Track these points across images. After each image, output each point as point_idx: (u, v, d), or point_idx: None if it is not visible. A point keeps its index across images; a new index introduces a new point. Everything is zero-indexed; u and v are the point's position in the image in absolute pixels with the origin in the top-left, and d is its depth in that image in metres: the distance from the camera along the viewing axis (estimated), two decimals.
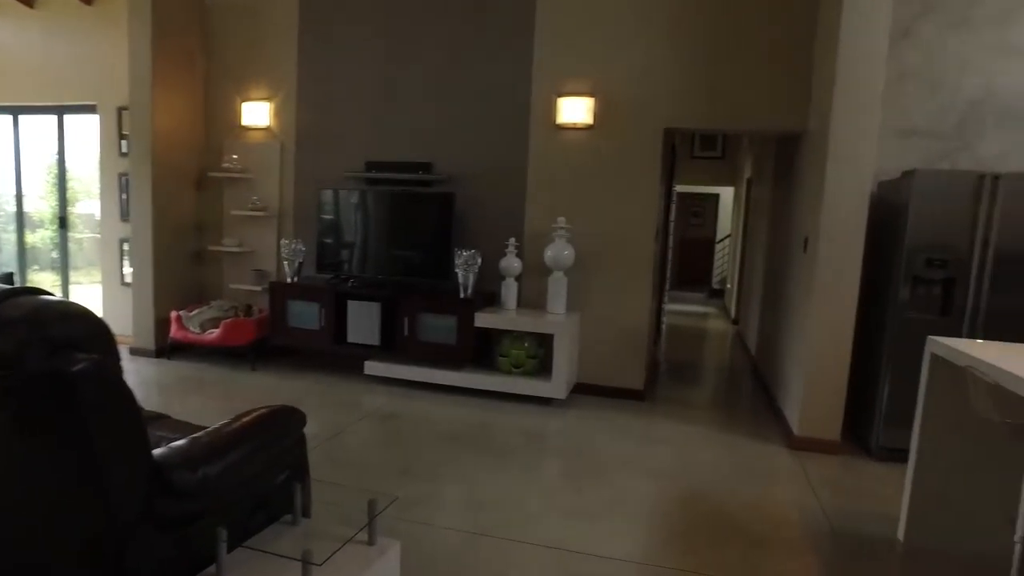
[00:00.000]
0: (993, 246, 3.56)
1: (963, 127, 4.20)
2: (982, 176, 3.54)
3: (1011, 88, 4.15)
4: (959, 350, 2.49)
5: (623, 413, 4.49)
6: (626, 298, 4.76)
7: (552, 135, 4.78)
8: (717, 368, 6.24)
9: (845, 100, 3.70)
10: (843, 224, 3.75)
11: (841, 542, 2.83)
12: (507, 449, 3.71)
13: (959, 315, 3.64)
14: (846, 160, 3.72)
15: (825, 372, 3.86)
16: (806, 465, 3.70)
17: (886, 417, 3.77)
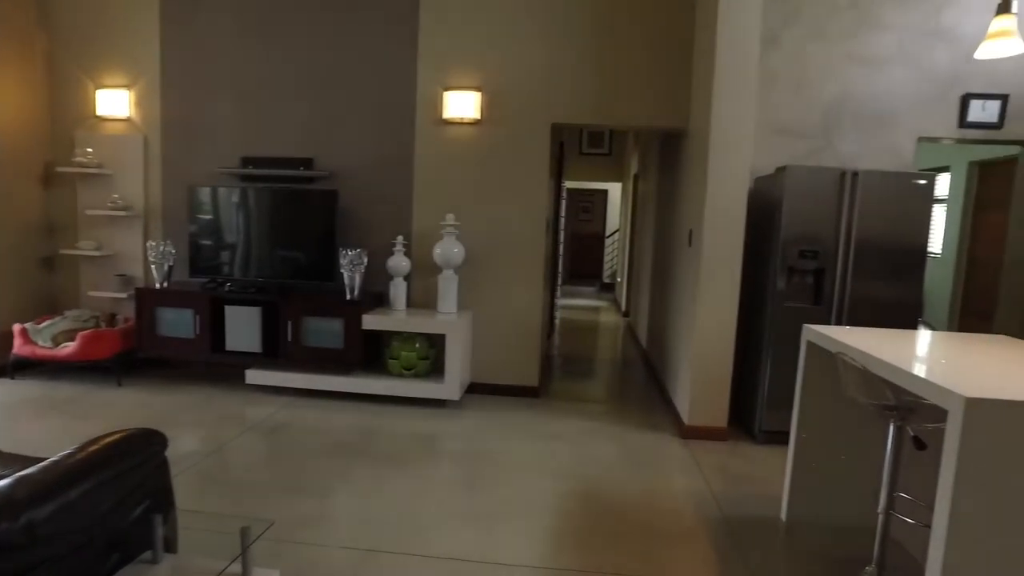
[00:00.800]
0: (854, 238, 3.81)
1: (826, 127, 4.49)
2: (843, 172, 3.78)
3: (862, 94, 4.46)
4: (831, 337, 2.62)
5: (519, 411, 4.46)
6: (518, 295, 4.73)
7: (439, 130, 4.66)
8: (610, 361, 6.36)
9: (723, 100, 3.83)
10: (725, 218, 3.89)
11: (731, 526, 2.92)
12: (401, 456, 3.57)
13: (828, 303, 3.87)
14: (726, 156, 3.86)
15: (711, 361, 3.99)
16: (697, 453, 3.81)
17: (768, 402, 3.95)
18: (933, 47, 4.44)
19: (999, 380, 1.96)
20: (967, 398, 1.72)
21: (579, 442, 3.92)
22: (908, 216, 3.79)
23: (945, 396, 1.81)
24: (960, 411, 1.74)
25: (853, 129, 4.49)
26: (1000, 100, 4.46)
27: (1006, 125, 4.49)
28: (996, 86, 4.47)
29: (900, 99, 4.48)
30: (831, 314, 3.87)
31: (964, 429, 1.74)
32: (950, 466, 1.77)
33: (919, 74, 4.46)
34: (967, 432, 1.74)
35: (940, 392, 1.83)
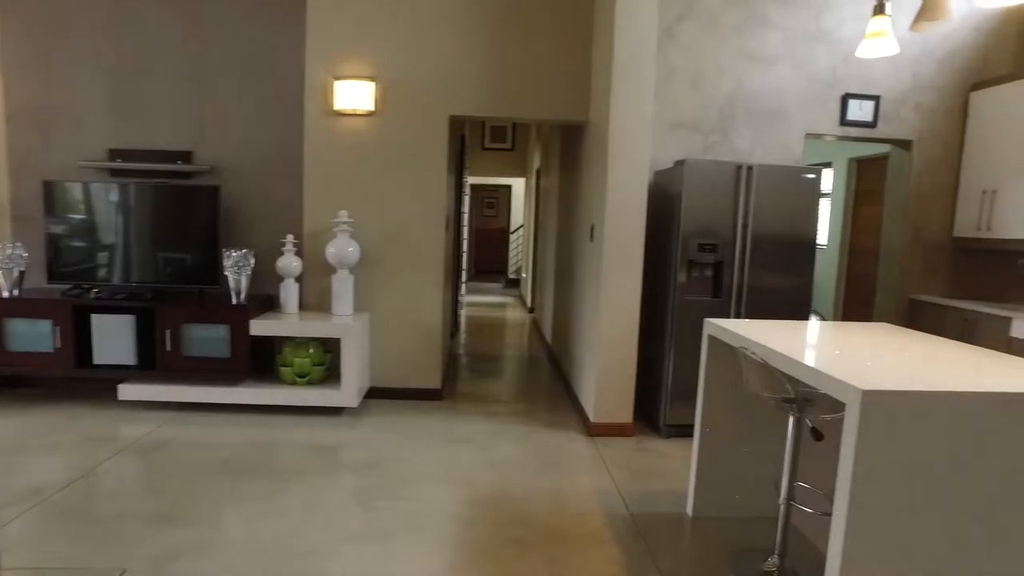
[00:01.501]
0: (750, 230, 3.88)
1: (721, 122, 4.57)
2: (740, 166, 3.84)
3: (753, 89, 4.58)
4: (732, 331, 2.61)
5: (421, 415, 4.28)
6: (418, 294, 4.54)
7: (330, 122, 4.39)
8: (516, 358, 6.28)
9: (622, 93, 3.80)
10: (626, 212, 3.86)
11: (639, 525, 2.87)
12: (294, 471, 3.31)
13: (727, 295, 3.93)
14: (626, 150, 3.83)
15: (616, 357, 3.97)
16: (604, 451, 3.77)
17: (671, 396, 3.97)
18: (815, 48, 4.62)
19: (890, 370, 1.98)
20: (864, 391, 1.72)
21: (484, 445, 3.80)
22: (799, 209, 3.91)
23: (843, 389, 1.80)
24: (857, 403, 1.73)
25: (747, 124, 4.61)
26: (874, 101, 4.71)
27: (879, 124, 4.74)
28: (870, 88, 4.71)
29: (789, 96, 4.63)
30: (730, 306, 3.93)
31: (861, 420, 1.73)
32: (848, 456, 1.76)
33: (804, 73, 4.63)
34: (864, 423, 1.73)
35: (838, 385, 1.82)
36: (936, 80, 4.75)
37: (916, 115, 4.76)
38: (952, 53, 4.74)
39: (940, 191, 4.87)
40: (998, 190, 4.46)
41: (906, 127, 4.77)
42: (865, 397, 1.72)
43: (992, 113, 4.55)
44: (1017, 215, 4.31)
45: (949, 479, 1.79)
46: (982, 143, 4.62)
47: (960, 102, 4.79)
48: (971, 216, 4.68)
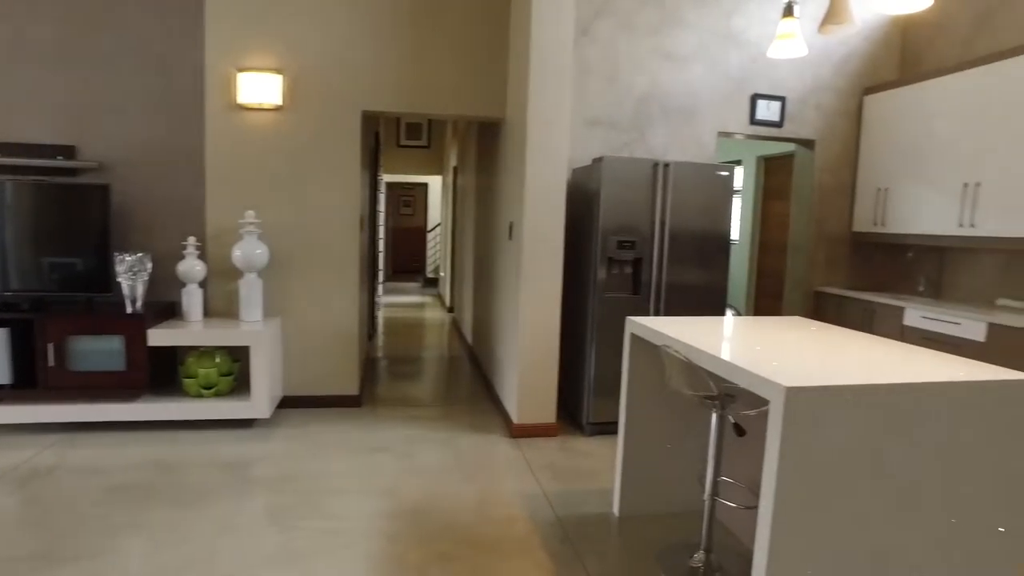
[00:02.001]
0: (668, 227, 3.93)
1: (637, 119, 4.62)
2: (656, 163, 3.88)
3: (668, 88, 4.66)
4: (654, 329, 2.60)
5: (338, 424, 4.09)
6: (333, 296, 4.34)
7: (234, 116, 4.12)
8: (436, 360, 6.16)
9: (540, 89, 3.75)
10: (544, 209, 3.82)
11: (566, 528, 2.83)
12: (200, 492, 3.07)
13: (646, 291, 3.96)
14: (544, 147, 3.79)
15: (537, 356, 3.92)
16: (528, 453, 3.72)
17: (594, 393, 3.96)
18: (727, 48, 4.74)
19: (809, 365, 2.01)
20: (787, 387, 1.73)
21: (405, 452, 3.66)
22: (713, 206, 3.99)
23: (767, 386, 1.80)
24: (781, 400, 1.74)
25: (662, 122, 4.67)
26: (780, 101, 4.88)
27: (785, 124, 4.93)
28: (776, 88, 4.88)
29: (702, 95, 4.73)
30: (649, 302, 3.96)
31: (785, 416, 1.74)
32: (773, 452, 1.77)
33: (717, 73, 4.74)
34: (788, 419, 1.74)
35: (762, 383, 1.83)
36: (834, 83, 4.98)
37: (817, 116, 4.98)
38: (847, 58, 4.98)
39: (840, 188, 5.11)
40: (890, 188, 4.73)
41: (809, 127, 4.98)
42: (789, 394, 1.73)
43: (882, 116, 4.81)
44: (906, 211, 4.57)
45: (870, 469, 1.83)
46: (875, 144, 4.88)
47: (855, 105, 5.04)
48: (867, 212, 4.94)
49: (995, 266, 4.33)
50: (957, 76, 4.24)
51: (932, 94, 4.41)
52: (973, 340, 3.75)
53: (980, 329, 3.72)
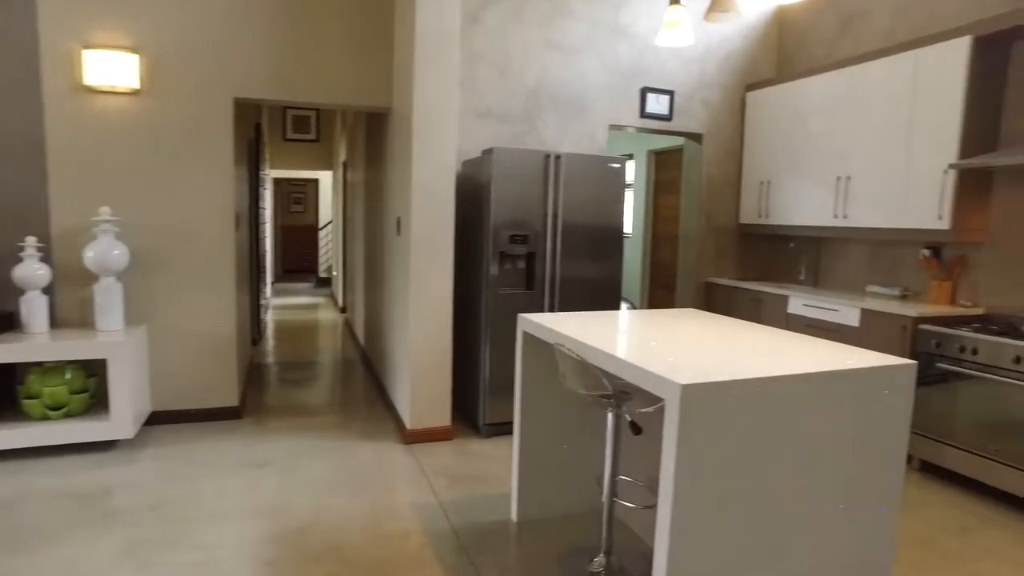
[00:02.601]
0: (560, 220, 3.86)
1: (528, 110, 4.52)
2: (548, 155, 3.79)
3: (559, 79, 4.59)
4: (547, 327, 2.50)
5: (216, 439, 3.75)
6: (206, 300, 3.97)
7: (82, 100, 3.66)
8: (328, 363, 5.84)
9: (426, 78, 3.56)
10: (433, 203, 3.65)
11: (462, 539, 2.68)
12: (42, 532, 2.67)
13: (541, 287, 3.87)
14: (431, 138, 3.61)
15: (430, 357, 3.75)
16: (422, 459, 3.54)
17: (490, 394, 3.84)
18: (617, 41, 4.73)
19: (704, 360, 1.96)
20: (683, 385, 1.65)
21: (290, 466, 3.39)
22: (606, 198, 3.95)
23: (662, 384, 1.73)
24: (677, 398, 1.66)
25: (553, 114, 4.60)
26: (669, 95, 4.94)
27: (674, 118, 5.00)
28: (665, 82, 4.93)
29: (593, 88, 4.70)
30: (544, 298, 3.88)
31: (682, 415, 1.66)
32: (670, 450, 1.70)
33: (607, 65, 4.73)
34: (684, 417, 1.67)
35: (657, 381, 1.75)
36: (719, 79, 5.10)
37: (704, 110, 5.09)
38: (730, 55, 5.12)
39: (727, 181, 5.25)
40: (772, 181, 4.90)
41: (696, 121, 5.07)
42: (684, 391, 1.65)
43: (763, 112, 4.98)
44: (787, 203, 4.75)
45: (766, 461, 1.80)
46: (757, 138, 5.04)
47: (739, 100, 5.19)
48: (752, 204, 5.10)
49: (864, 254, 4.57)
50: (824, 76, 4.43)
51: (805, 92, 4.59)
52: (849, 325, 3.93)
53: (855, 315, 3.90)
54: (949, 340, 3.39)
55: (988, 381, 3.21)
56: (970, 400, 3.29)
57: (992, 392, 3.20)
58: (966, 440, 3.31)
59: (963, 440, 3.33)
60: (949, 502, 3.22)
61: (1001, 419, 3.16)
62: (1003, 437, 3.15)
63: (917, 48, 3.83)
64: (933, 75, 3.73)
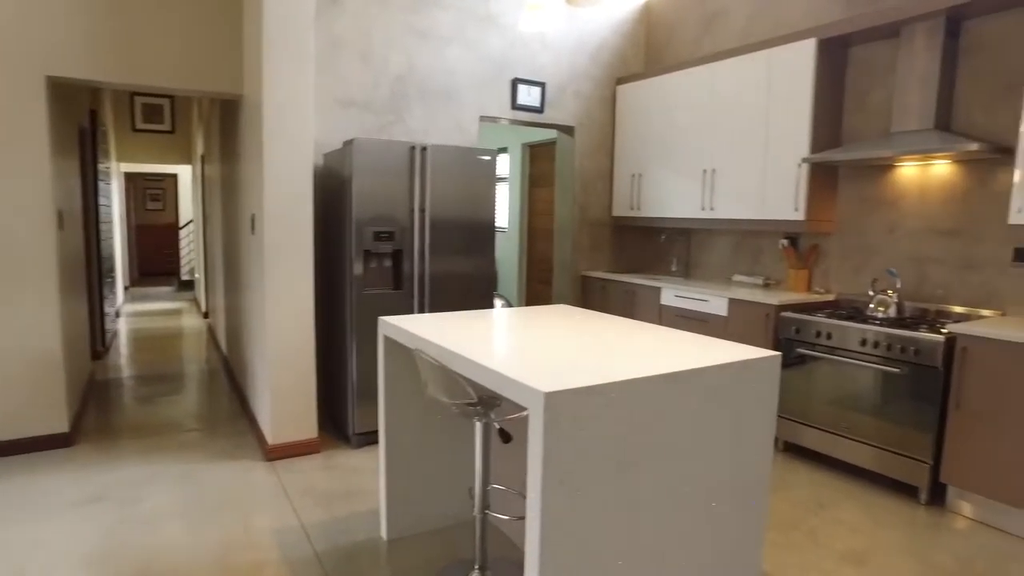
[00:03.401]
0: (428, 216, 3.67)
1: (395, 100, 4.29)
2: (413, 147, 3.59)
3: (426, 68, 4.39)
4: (407, 331, 2.31)
5: (38, 473, 3.26)
6: (17, 312, 3.43)
7: None
8: (186, 375, 5.32)
9: (277, 62, 3.25)
10: (289, 198, 3.35)
11: (327, 566, 2.45)
12: None
13: (409, 286, 3.67)
14: (285, 128, 3.30)
15: (291, 364, 3.45)
16: (286, 477, 3.25)
17: (360, 401, 3.60)
18: (487, 31, 4.59)
19: (571, 363, 1.85)
20: (546, 393, 1.53)
21: (130, 498, 2.99)
22: (476, 192, 3.81)
23: (525, 392, 1.60)
24: (540, 406, 1.54)
25: (421, 104, 4.40)
26: (540, 87, 4.88)
27: (546, 110, 4.94)
28: (536, 74, 4.86)
29: (462, 78, 4.54)
30: (413, 298, 3.68)
31: (547, 423, 1.54)
32: (536, 460, 1.57)
33: (477, 55, 4.58)
34: (550, 426, 1.55)
35: (520, 389, 1.62)
36: (590, 71, 5.10)
37: (576, 103, 5.07)
38: (600, 48, 5.13)
39: (600, 174, 5.28)
40: (643, 174, 4.96)
41: (568, 113, 5.05)
42: (548, 400, 1.53)
43: (633, 105, 5.03)
44: (657, 196, 4.83)
45: (637, 464, 1.71)
46: (628, 131, 5.10)
47: (610, 93, 5.22)
48: (625, 197, 5.15)
49: (730, 245, 4.73)
50: (689, 72, 4.53)
51: (672, 87, 4.68)
52: (718, 315, 4.03)
53: (723, 304, 4.00)
54: (806, 326, 3.54)
55: (839, 363, 3.38)
56: (825, 381, 3.45)
57: (842, 372, 3.37)
58: (822, 419, 3.48)
59: (820, 420, 3.49)
60: (809, 480, 3.36)
61: (850, 397, 3.33)
62: (852, 414, 3.33)
63: (770, 48, 3.97)
64: (785, 74, 3.88)
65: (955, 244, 3.47)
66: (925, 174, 3.58)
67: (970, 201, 3.41)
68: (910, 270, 3.66)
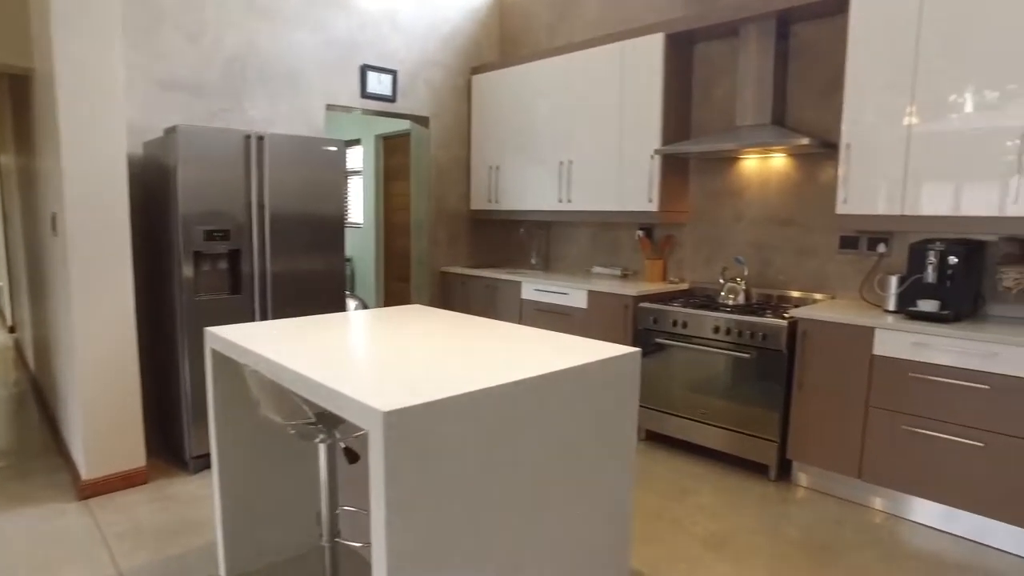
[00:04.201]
0: (268, 211, 3.33)
1: (231, 84, 3.86)
2: (247, 136, 3.23)
3: (267, 51, 4.01)
4: (234, 342, 2.02)
5: None
6: None
7: None
8: None
9: (69, 32, 2.77)
10: (97, 193, 2.88)
11: None
12: None
13: (249, 289, 3.31)
14: (87, 112, 2.83)
15: (109, 383, 2.99)
16: (104, 518, 2.79)
17: (195, 420, 3.19)
18: (334, 13, 4.27)
19: (417, 373, 1.67)
20: (384, 412, 1.34)
21: None
22: (323, 185, 3.51)
23: (362, 412, 1.39)
24: (379, 428, 1.34)
25: (262, 90, 4.00)
26: (391, 74, 4.63)
27: (398, 99, 4.70)
28: (387, 61, 4.61)
29: (308, 63, 4.19)
30: (254, 302, 3.33)
31: (387, 445, 1.35)
32: (379, 485, 1.37)
33: (324, 38, 4.24)
34: (391, 447, 1.36)
35: (356, 407, 1.41)
36: (443, 59, 4.92)
37: (429, 92, 4.87)
38: (454, 35, 4.96)
39: (456, 165, 5.12)
40: (500, 166, 4.87)
41: (421, 103, 4.83)
42: (387, 419, 1.34)
43: (489, 95, 4.92)
44: (515, 188, 4.76)
45: (492, 479, 1.56)
46: (485, 122, 4.97)
47: (464, 82, 5.07)
48: (482, 189, 5.03)
49: (588, 237, 4.75)
50: (545, 62, 4.48)
51: (528, 77, 4.60)
52: (579, 308, 4.01)
53: (583, 297, 3.99)
54: (663, 315, 3.59)
55: (695, 350, 3.46)
56: (683, 369, 3.52)
57: (698, 360, 3.45)
58: (681, 406, 3.55)
59: (679, 407, 3.56)
60: (672, 467, 3.42)
61: (706, 384, 3.43)
62: (709, 400, 3.42)
63: (623, 40, 3.99)
64: (636, 66, 3.92)
65: (792, 233, 3.67)
66: (765, 167, 3.75)
67: (803, 192, 3.61)
68: (755, 258, 3.84)
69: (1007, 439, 2.53)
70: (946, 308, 2.80)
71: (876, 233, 3.34)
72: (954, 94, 2.76)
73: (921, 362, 2.72)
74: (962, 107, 2.74)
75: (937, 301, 2.82)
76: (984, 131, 2.68)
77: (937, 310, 2.80)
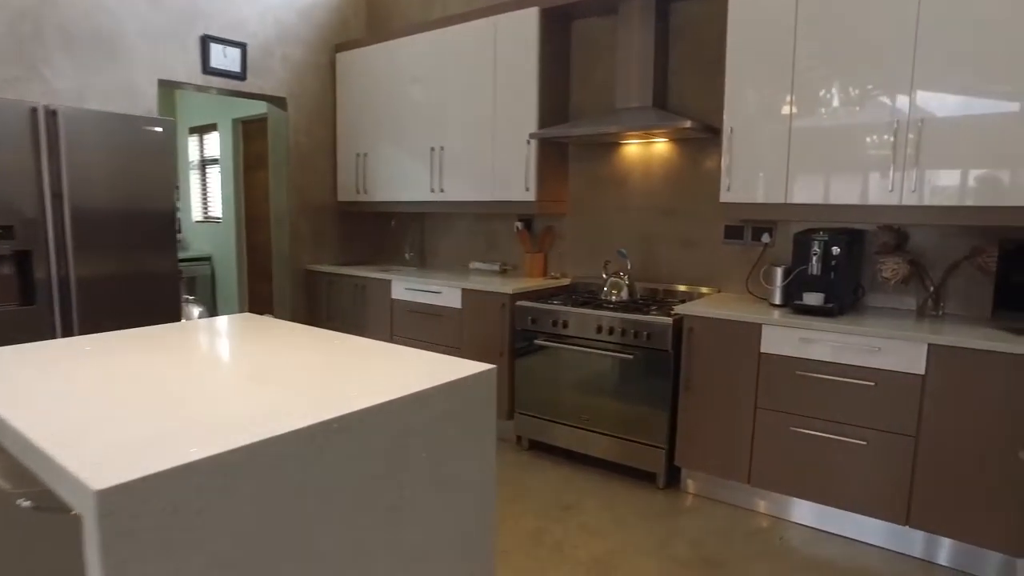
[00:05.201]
0: (69, 203, 2.74)
1: (23, 47, 3.19)
2: (35, 109, 2.63)
3: (72, 12, 3.35)
4: None
5: None
6: None
7: None
8: None
9: None
10: None
11: None
12: None
13: (46, 299, 2.71)
14: None
15: None
16: None
17: None
18: None
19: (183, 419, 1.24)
20: (98, 491, 0.91)
21: None
22: (145, 172, 2.96)
23: (72, 488, 0.96)
24: (93, 514, 0.91)
25: (68, 57, 3.34)
26: (239, 48, 4.07)
27: (249, 77, 4.15)
28: (234, 33, 4.04)
29: (128, 25, 3.56)
30: (54, 315, 2.73)
31: (104, 537, 0.93)
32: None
33: (152, 2, 3.62)
34: (112, 540, 0.93)
35: (63, 478, 0.98)
36: (302, 34, 4.40)
37: (285, 70, 4.33)
38: (313, 7, 4.45)
39: (320, 153, 4.61)
40: (369, 153, 4.42)
41: (277, 82, 4.30)
42: (101, 502, 0.91)
43: (356, 76, 4.45)
44: (385, 177, 4.32)
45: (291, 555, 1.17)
46: (351, 105, 4.50)
47: (328, 60, 4.57)
48: (350, 179, 4.56)
49: (465, 230, 4.40)
50: (415, 39, 4.07)
51: (398, 56, 4.18)
52: (453, 307, 3.65)
53: (457, 296, 3.63)
54: (543, 315, 3.30)
55: (577, 352, 3.19)
56: (565, 373, 3.25)
57: (582, 362, 3.18)
58: (565, 413, 3.27)
59: (562, 414, 3.28)
60: (554, 479, 3.13)
61: (591, 388, 3.16)
62: (592, 405, 3.16)
63: (496, 15, 3.65)
64: (510, 43, 3.60)
65: (676, 222, 3.48)
66: (648, 152, 3.54)
67: (686, 180, 3.42)
68: (639, 250, 3.62)
69: (889, 436, 2.41)
70: (830, 301, 2.67)
71: (760, 223, 3.20)
72: (823, 89, 2.61)
73: (808, 359, 2.57)
74: (830, 102, 2.60)
75: (822, 294, 2.68)
76: (851, 126, 2.55)
77: (822, 303, 2.67)
